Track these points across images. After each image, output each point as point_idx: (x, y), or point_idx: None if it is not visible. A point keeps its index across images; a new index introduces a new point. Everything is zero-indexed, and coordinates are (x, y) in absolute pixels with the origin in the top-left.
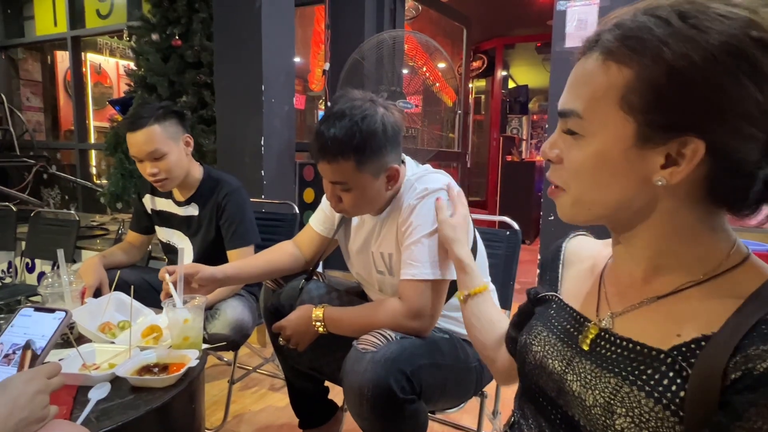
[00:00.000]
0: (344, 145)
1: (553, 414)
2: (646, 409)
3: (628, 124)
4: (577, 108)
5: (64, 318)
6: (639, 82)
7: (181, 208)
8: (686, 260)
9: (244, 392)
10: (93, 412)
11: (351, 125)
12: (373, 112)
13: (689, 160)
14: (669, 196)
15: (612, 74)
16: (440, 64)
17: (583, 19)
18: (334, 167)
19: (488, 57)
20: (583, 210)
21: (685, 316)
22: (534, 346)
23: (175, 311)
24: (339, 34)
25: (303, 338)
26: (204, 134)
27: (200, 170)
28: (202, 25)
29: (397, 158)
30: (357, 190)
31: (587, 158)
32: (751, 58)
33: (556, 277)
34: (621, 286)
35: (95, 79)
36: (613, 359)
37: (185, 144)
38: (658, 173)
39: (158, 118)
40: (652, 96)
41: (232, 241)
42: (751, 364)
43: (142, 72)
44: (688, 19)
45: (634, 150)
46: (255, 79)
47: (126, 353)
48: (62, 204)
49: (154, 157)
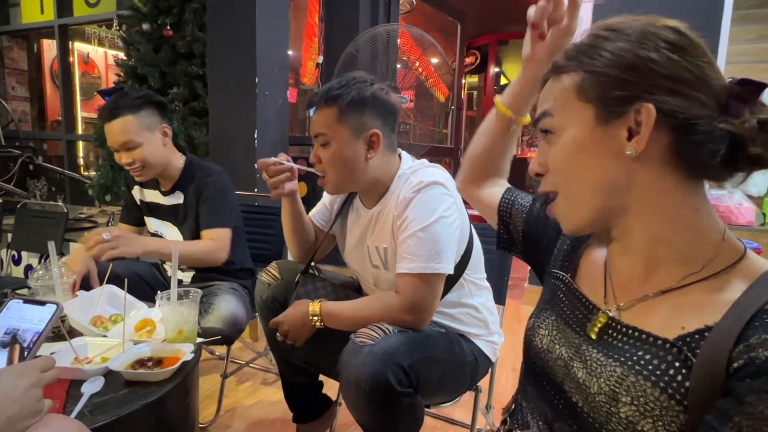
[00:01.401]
0: (332, 91)
1: (556, 399)
2: (651, 398)
3: (588, 110)
4: (546, 107)
5: (56, 311)
6: (587, 76)
7: (166, 198)
8: (681, 249)
9: (236, 386)
10: (86, 406)
11: (345, 80)
12: (368, 80)
13: (645, 123)
14: (644, 167)
15: (565, 80)
16: (433, 60)
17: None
18: (318, 115)
19: (481, 53)
20: (579, 206)
21: (689, 309)
22: (542, 329)
23: (170, 304)
24: (333, 27)
25: (300, 333)
26: (196, 126)
27: (182, 159)
28: (194, 15)
29: (380, 126)
30: (334, 144)
31: (563, 149)
32: (664, 37)
33: (576, 255)
34: (624, 279)
35: (83, 69)
36: (620, 348)
37: (163, 134)
38: (625, 145)
39: (133, 108)
40: (599, 82)
41: (207, 220)
42: (754, 353)
43: (133, 62)
44: (611, 28)
45: (599, 130)
46: (249, 70)
47: (119, 347)
48: (49, 196)
49: (127, 147)
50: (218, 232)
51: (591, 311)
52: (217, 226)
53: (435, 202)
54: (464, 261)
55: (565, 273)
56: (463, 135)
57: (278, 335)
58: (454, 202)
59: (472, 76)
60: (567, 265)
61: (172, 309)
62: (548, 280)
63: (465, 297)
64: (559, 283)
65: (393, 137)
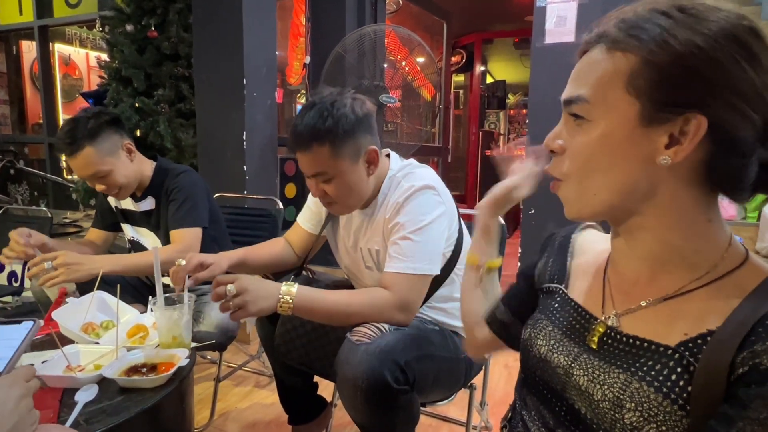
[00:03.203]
0: (316, 130)
1: (557, 407)
2: (654, 404)
3: (633, 106)
4: (583, 93)
5: (32, 327)
6: (645, 66)
7: (139, 204)
8: (687, 255)
9: (229, 390)
10: (81, 414)
11: (321, 111)
12: (341, 98)
13: (693, 136)
14: (671, 178)
15: (618, 61)
16: (419, 59)
17: (563, 15)
18: (310, 157)
19: (467, 52)
20: (589, 198)
21: (691, 315)
22: (539, 339)
23: (164, 310)
24: (320, 27)
25: (257, 303)
26: (182, 128)
27: (151, 166)
28: (178, 16)
29: (372, 140)
30: (338, 178)
31: (592, 142)
32: (745, 43)
33: (565, 267)
34: (626, 285)
35: (64, 71)
36: (621, 356)
37: (127, 152)
38: (662, 153)
39: (90, 138)
40: (657, 78)
41: (175, 219)
42: (758, 359)
43: (117, 64)
44: (686, 11)
45: (639, 131)
46: (236, 72)
47: (112, 354)
48: (31, 200)
49: (97, 177)
50: (184, 232)
51: (588, 321)
52: (183, 227)
53: (427, 205)
54: (455, 257)
55: (558, 285)
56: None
57: (228, 289)
58: (443, 203)
59: (458, 75)
60: (558, 278)
61: (166, 314)
62: (540, 296)
63: (456, 291)
64: (554, 295)
65: (374, 132)
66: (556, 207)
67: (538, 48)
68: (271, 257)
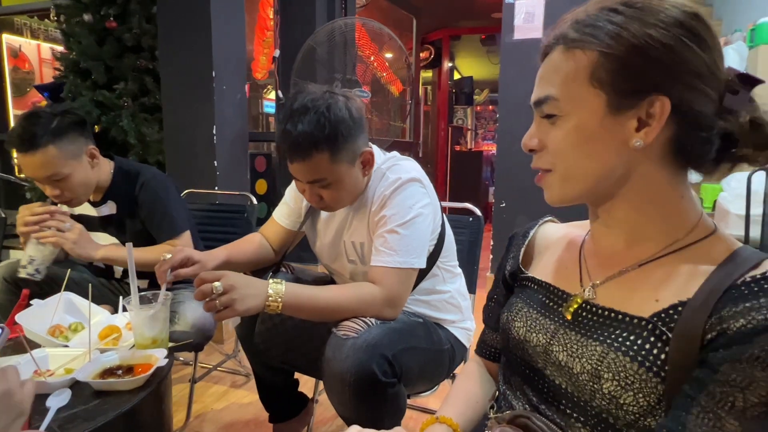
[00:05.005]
0: (316, 138)
1: (540, 384)
2: (630, 372)
3: (599, 97)
4: (551, 93)
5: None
6: (604, 60)
7: (97, 209)
8: (662, 228)
9: (205, 391)
10: (54, 420)
11: (318, 117)
12: (335, 100)
13: (659, 116)
14: (645, 159)
15: (578, 59)
16: (387, 54)
17: (531, 12)
18: (308, 165)
19: (435, 48)
20: (574, 184)
21: (662, 282)
22: (516, 322)
23: (139, 309)
24: (289, 21)
25: (245, 301)
26: (147, 123)
27: (110, 167)
28: (140, 6)
29: (366, 142)
30: (336, 183)
31: (568, 134)
32: (691, 28)
33: (531, 257)
34: (602, 258)
35: (12, 63)
36: (597, 328)
37: (90, 156)
38: (633, 136)
39: (55, 137)
40: (617, 69)
41: (163, 231)
42: (725, 325)
43: (74, 56)
44: (633, 5)
45: (608, 119)
46: (205, 64)
47: (84, 356)
48: None
49: (53, 179)
50: (176, 242)
51: (563, 298)
52: (172, 237)
53: (413, 198)
54: (437, 249)
55: (527, 272)
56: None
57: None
58: (428, 195)
59: (427, 71)
60: (525, 266)
61: (142, 314)
62: (514, 283)
63: (439, 284)
64: (527, 282)
65: (366, 133)
66: (527, 200)
67: (507, 44)
68: (252, 255)
